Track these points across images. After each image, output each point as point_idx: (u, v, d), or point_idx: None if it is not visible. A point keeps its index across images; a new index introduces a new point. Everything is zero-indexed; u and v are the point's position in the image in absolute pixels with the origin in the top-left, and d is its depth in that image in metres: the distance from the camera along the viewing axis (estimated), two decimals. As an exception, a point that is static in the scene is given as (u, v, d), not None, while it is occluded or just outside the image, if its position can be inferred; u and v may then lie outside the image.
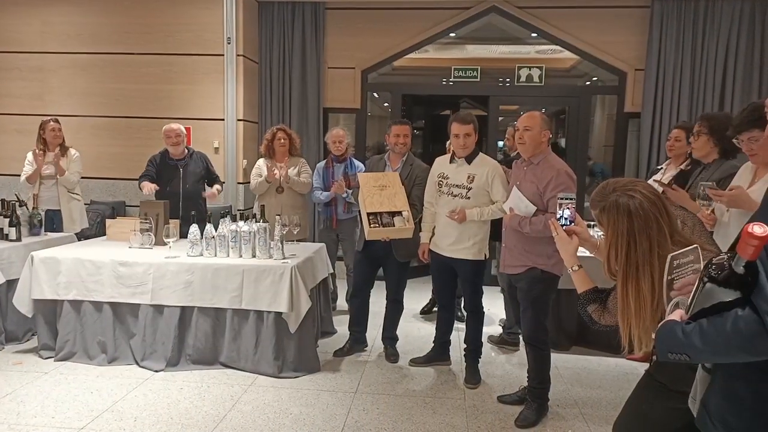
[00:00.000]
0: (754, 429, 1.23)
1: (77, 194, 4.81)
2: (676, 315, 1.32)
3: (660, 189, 3.63)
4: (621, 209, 1.61)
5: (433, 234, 3.61)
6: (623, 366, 3.90)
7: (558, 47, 6.08)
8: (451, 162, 3.52)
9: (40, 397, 3.18)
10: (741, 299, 1.18)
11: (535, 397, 3.12)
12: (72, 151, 4.77)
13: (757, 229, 1.15)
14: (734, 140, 2.60)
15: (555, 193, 2.84)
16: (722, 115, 3.34)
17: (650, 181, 3.93)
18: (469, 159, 3.45)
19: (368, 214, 3.53)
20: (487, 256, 3.55)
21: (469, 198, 3.39)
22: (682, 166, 3.66)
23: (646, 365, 3.92)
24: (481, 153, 3.51)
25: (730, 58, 5.48)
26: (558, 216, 2.01)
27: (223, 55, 5.58)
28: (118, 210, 5.73)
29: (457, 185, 3.44)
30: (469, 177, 3.41)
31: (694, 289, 1.29)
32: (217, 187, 4.65)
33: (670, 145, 3.78)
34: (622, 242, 1.61)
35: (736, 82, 5.48)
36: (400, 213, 3.58)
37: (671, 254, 1.44)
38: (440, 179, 3.54)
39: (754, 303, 1.15)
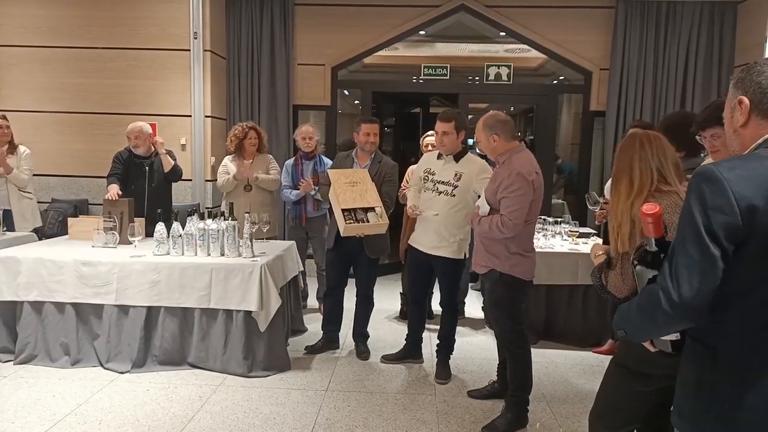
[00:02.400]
0: (698, 414, 1.28)
1: (28, 192, 4.63)
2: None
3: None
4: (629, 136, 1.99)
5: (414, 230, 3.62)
6: (589, 359, 3.98)
7: (526, 46, 6.16)
8: (438, 158, 3.50)
9: (-1, 402, 3.08)
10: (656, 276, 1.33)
11: (511, 405, 2.98)
12: (22, 148, 4.58)
13: (647, 207, 1.33)
14: (697, 137, 2.67)
15: (505, 194, 2.83)
16: (676, 115, 3.43)
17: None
18: (457, 157, 3.44)
19: (343, 211, 3.50)
20: (467, 256, 3.56)
21: (454, 195, 3.38)
22: None
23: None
24: (470, 153, 3.51)
25: (690, 59, 5.65)
26: None
27: (189, 50, 5.48)
28: (80, 208, 5.57)
29: (443, 182, 3.43)
30: (456, 175, 3.39)
31: (632, 274, 1.47)
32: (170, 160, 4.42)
33: None
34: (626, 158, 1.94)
35: (697, 82, 5.65)
36: (373, 209, 3.58)
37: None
38: (426, 174, 3.53)
39: (657, 277, 1.30)
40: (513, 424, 2.95)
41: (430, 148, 4.32)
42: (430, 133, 4.40)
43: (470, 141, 6.64)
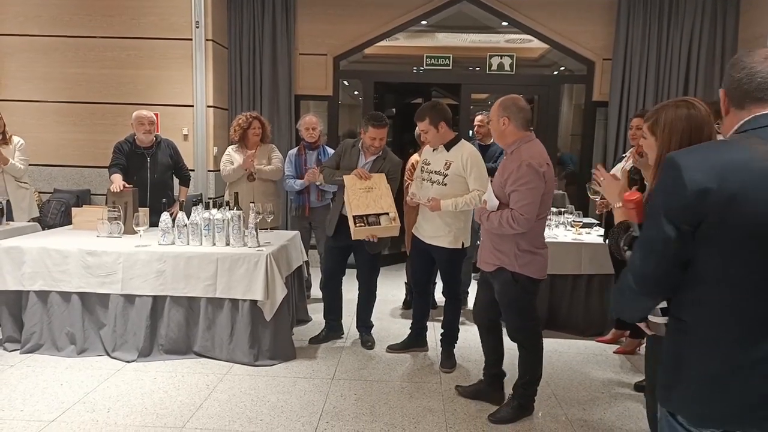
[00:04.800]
0: (673, 386, 1.35)
1: (25, 183, 4.61)
2: None
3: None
4: (679, 112, 1.81)
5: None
6: (593, 348, 4.01)
7: (527, 37, 6.14)
8: (434, 149, 3.53)
9: (6, 391, 3.08)
10: None
11: (518, 395, 2.96)
12: (16, 138, 4.54)
13: (628, 195, 1.45)
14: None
15: (514, 188, 2.72)
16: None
17: (615, 170, 4.03)
18: (449, 146, 3.44)
19: (354, 217, 3.51)
20: (465, 245, 3.55)
21: (445, 185, 3.38)
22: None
23: (616, 346, 4.07)
24: (462, 140, 3.51)
25: (693, 49, 5.65)
26: None
27: (191, 39, 5.45)
28: (83, 199, 5.56)
29: (435, 171, 3.44)
30: (446, 164, 3.40)
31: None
32: (183, 189, 4.65)
33: (633, 134, 3.86)
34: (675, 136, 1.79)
35: (699, 72, 5.65)
36: (386, 213, 3.57)
37: None
38: (423, 165, 3.56)
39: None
40: (518, 412, 2.94)
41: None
42: None
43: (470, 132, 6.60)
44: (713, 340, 1.27)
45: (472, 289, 5.07)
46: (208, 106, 5.55)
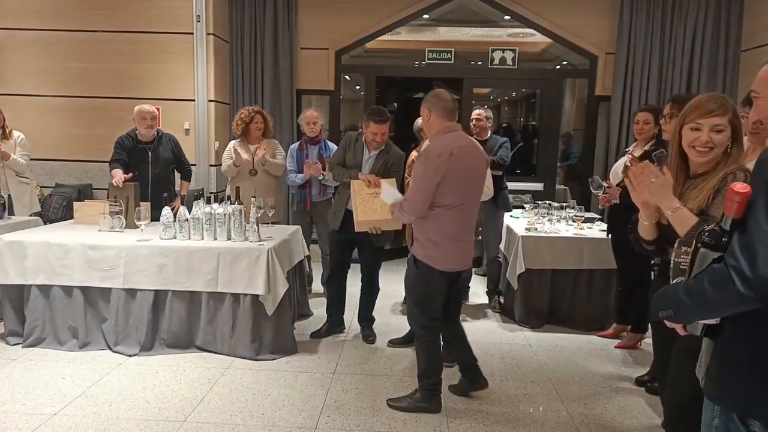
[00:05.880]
0: (751, 389, 1.27)
1: (26, 177, 4.62)
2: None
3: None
4: None
5: None
6: (594, 343, 4.00)
7: (529, 31, 6.11)
8: None
9: (8, 384, 3.09)
10: (721, 257, 1.28)
11: (419, 387, 2.97)
12: (16, 133, 4.55)
13: (738, 186, 1.26)
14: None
15: (411, 178, 2.87)
16: (691, 97, 3.40)
17: (617, 166, 4.02)
18: None
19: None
20: None
21: None
22: (647, 147, 3.73)
23: (616, 341, 4.06)
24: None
25: (697, 43, 5.62)
26: None
27: (192, 33, 5.44)
28: (84, 193, 5.57)
29: None
30: None
31: (690, 256, 1.38)
32: (185, 184, 4.67)
33: (640, 129, 3.82)
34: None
35: (703, 66, 5.62)
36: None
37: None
38: None
39: (724, 258, 1.25)
40: (416, 404, 2.92)
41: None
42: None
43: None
44: None
45: (474, 284, 5.10)
46: (210, 101, 5.55)
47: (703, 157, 1.79)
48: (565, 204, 4.80)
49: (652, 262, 3.50)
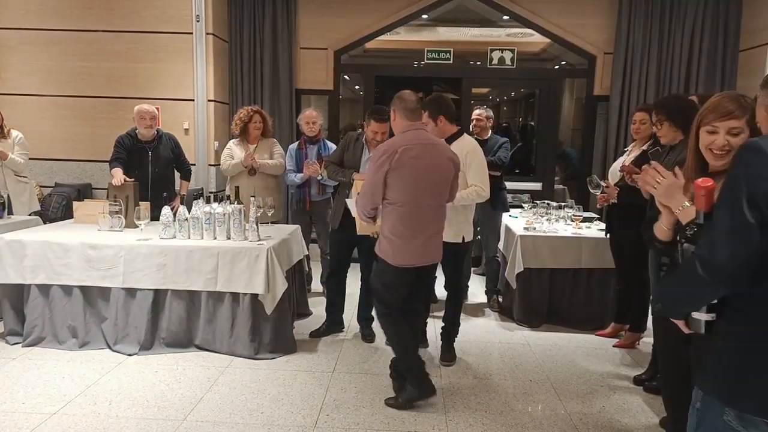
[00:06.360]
0: (732, 378, 1.32)
1: (24, 177, 4.62)
2: None
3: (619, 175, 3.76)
4: None
5: None
6: (593, 342, 4.02)
7: (528, 31, 6.13)
8: None
9: (8, 383, 3.10)
10: None
11: (397, 375, 3.08)
12: (14, 132, 4.55)
13: (701, 181, 1.38)
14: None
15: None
16: (674, 98, 3.42)
17: (615, 166, 4.03)
18: (450, 140, 3.44)
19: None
20: (467, 239, 3.56)
21: None
22: (645, 147, 3.74)
23: (615, 340, 4.08)
24: (465, 135, 3.52)
25: (695, 42, 5.63)
26: None
27: (191, 33, 5.45)
28: (84, 192, 5.58)
29: None
30: None
31: (678, 252, 1.50)
32: (185, 183, 4.67)
33: (636, 128, 3.85)
34: None
35: (701, 66, 5.64)
36: None
37: None
38: None
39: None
40: (411, 395, 2.97)
41: None
42: None
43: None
44: None
45: (473, 283, 5.11)
46: (209, 100, 5.55)
47: (719, 161, 1.79)
48: (563, 203, 4.81)
49: (662, 261, 3.52)
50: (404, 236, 2.87)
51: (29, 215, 4.51)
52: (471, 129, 4.87)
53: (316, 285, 5.03)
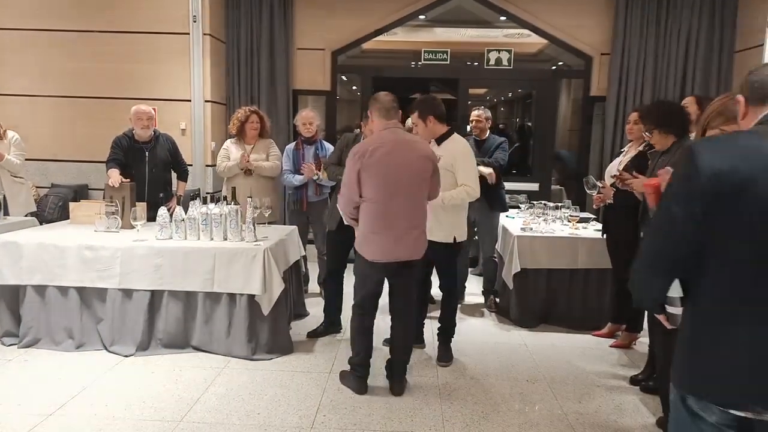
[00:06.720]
0: (693, 369, 1.39)
1: (20, 177, 4.61)
2: None
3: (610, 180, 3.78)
4: None
5: None
6: (589, 342, 4.02)
7: (525, 31, 6.14)
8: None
9: (4, 385, 3.09)
10: None
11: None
12: (10, 133, 4.54)
13: (649, 180, 1.54)
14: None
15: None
16: (657, 106, 3.46)
17: (611, 166, 4.04)
18: (440, 140, 3.47)
19: None
20: (459, 239, 3.56)
21: None
22: (641, 147, 3.76)
23: (611, 340, 4.09)
24: (455, 134, 3.53)
25: (691, 43, 5.65)
26: None
27: (188, 33, 5.44)
28: (80, 193, 5.56)
29: None
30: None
31: None
32: (182, 184, 4.65)
33: (630, 128, 3.90)
34: None
35: (697, 66, 5.65)
36: None
37: None
38: None
39: None
40: (348, 383, 3.19)
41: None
42: None
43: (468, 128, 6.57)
44: (723, 322, 1.31)
45: (470, 283, 5.11)
46: (206, 101, 5.55)
47: None
48: (560, 204, 4.82)
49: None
50: (376, 232, 2.97)
51: (25, 216, 4.50)
52: (470, 130, 4.87)
53: (313, 286, 5.03)
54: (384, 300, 3.29)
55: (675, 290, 1.42)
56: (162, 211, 3.65)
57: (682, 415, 1.39)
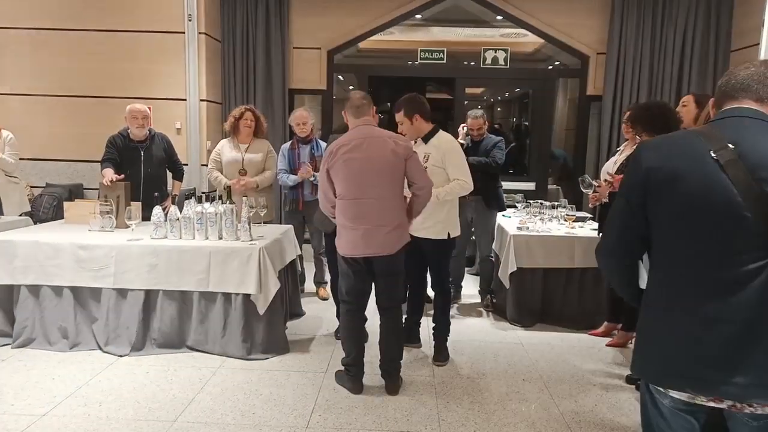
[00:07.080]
0: (647, 357, 1.49)
1: (15, 177, 4.59)
2: None
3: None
4: None
5: None
6: (586, 341, 4.02)
7: (522, 31, 6.13)
8: (414, 142, 3.53)
9: (-2, 385, 3.08)
10: None
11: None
12: (5, 132, 4.51)
13: (617, 178, 1.66)
14: None
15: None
16: (643, 109, 3.47)
17: (607, 165, 4.05)
18: (426, 138, 3.49)
19: None
20: (452, 235, 3.56)
21: None
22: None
23: (608, 339, 4.09)
24: (440, 131, 3.54)
25: (687, 42, 5.65)
26: None
27: (183, 32, 5.42)
28: (75, 193, 5.54)
29: None
30: (424, 156, 3.43)
31: None
32: (177, 183, 4.61)
33: (625, 128, 3.91)
34: None
35: (693, 66, 5.66)
36: None
37: None
38: None
39: None
40: (341, 383, 3.22)
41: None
42: None
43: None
44: (661, 309, 1.45)
45: (466, 283, 5.11)
46: (201, 100, 5.53)
47: None
48: (556, 203, 4.82)
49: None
50: (346, 227, 3.04)
51: (20, 216, 4.47)
52: (467, 134, 4.82)
53: (309, 285, 5.02)
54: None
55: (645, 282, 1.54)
56: (156, 210, 3.63)
57: (645, 399, 1.52)
